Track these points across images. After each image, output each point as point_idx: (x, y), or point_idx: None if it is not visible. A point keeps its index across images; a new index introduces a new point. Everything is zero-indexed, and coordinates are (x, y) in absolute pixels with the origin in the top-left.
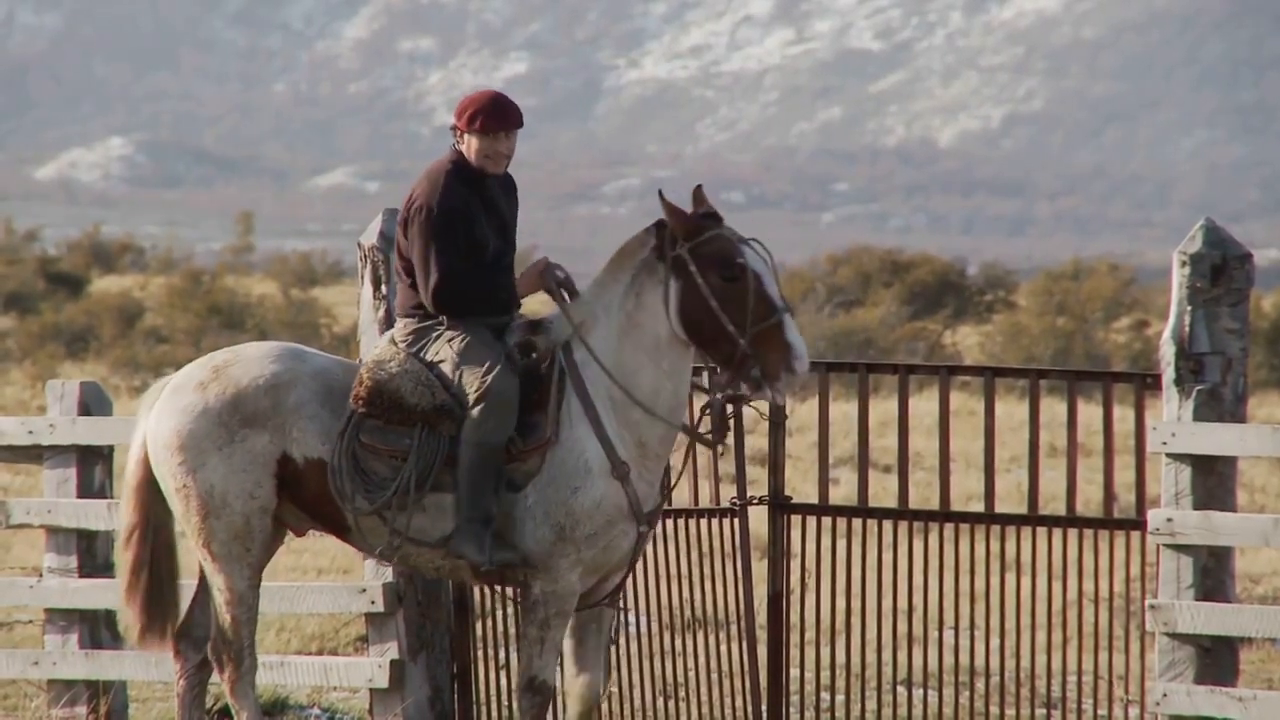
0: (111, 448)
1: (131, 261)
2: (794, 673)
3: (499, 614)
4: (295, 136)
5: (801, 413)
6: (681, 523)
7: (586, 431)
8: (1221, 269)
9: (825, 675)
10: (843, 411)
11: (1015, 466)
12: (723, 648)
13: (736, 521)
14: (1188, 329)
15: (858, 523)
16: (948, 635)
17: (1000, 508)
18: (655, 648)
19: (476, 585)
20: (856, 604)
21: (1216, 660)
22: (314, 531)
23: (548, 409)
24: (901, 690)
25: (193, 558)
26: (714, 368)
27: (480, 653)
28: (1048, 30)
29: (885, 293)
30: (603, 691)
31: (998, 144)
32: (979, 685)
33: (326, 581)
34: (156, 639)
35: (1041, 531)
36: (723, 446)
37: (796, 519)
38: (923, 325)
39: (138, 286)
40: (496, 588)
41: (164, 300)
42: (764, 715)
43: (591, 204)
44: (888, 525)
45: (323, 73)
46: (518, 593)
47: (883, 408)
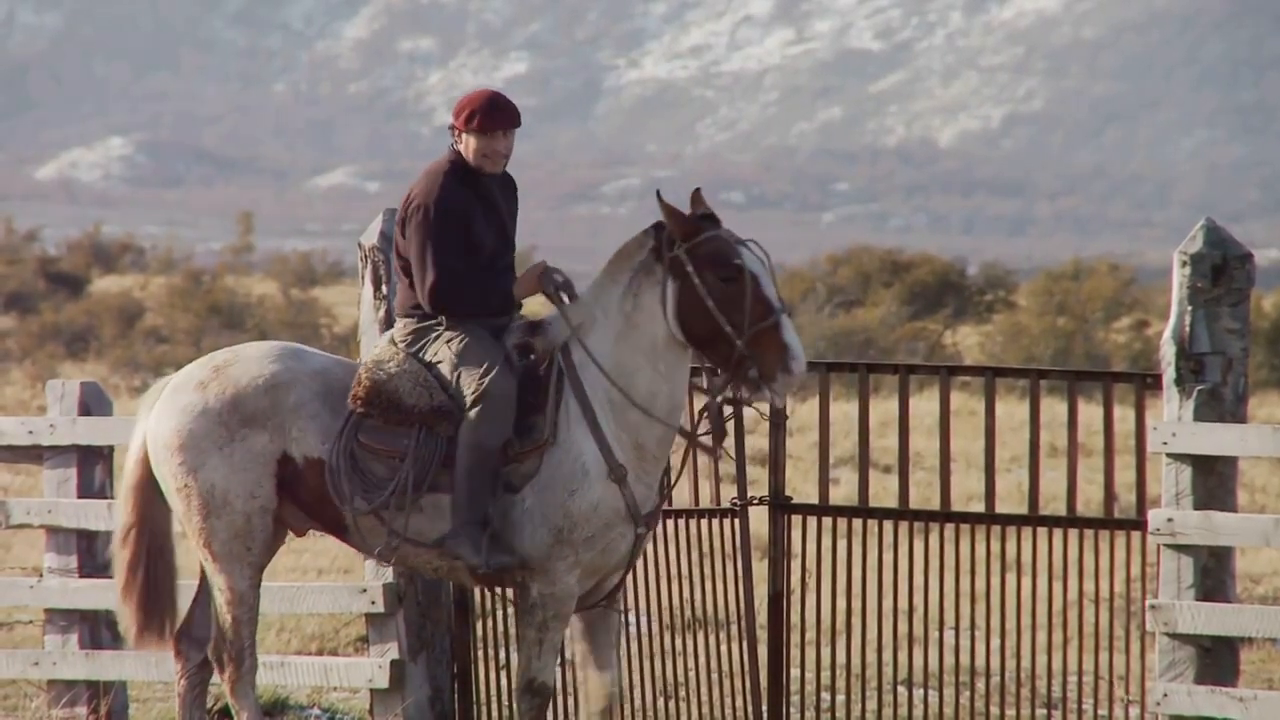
0: (111, 448)
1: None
2: (794, 673)
3: (499, 614)
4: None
5: (802, 413)
6: (682, 523)
7: (584, 433)
8: (1222, 269)
9: (825, 675)
10: (843, 411)
11: (1015, 466)
12: (723, 648)
13: (737, 521)
14: (1188, 329)
15: (858, 523)
16: (948, 635)
17: (1001, 508)
18: (655, 648)
19: (475, 586)
20: (857, 604)
21: (1217, 660)
22: (314, 531)
23: (546, 411)
24: (902, 690)
25: (193, 558)
26: (712, 369)
27: (480, 653)
28: (1048, 30)
29: (885, 293)
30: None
31: (998, 144)
32: (979, 685)
33: (327, 581)
34: (154, 638)
35: (1042, 532)
36: (722, 450)
37: (797, 519)
38: (923, 325)
39: (138, 286)
40: (495, 589)
41: (164, 300)
42: (764, 715)
43: (591, 204)
44: (888, 525)
45: (323, 73)
46: (516, 594)
47: (883, 408)
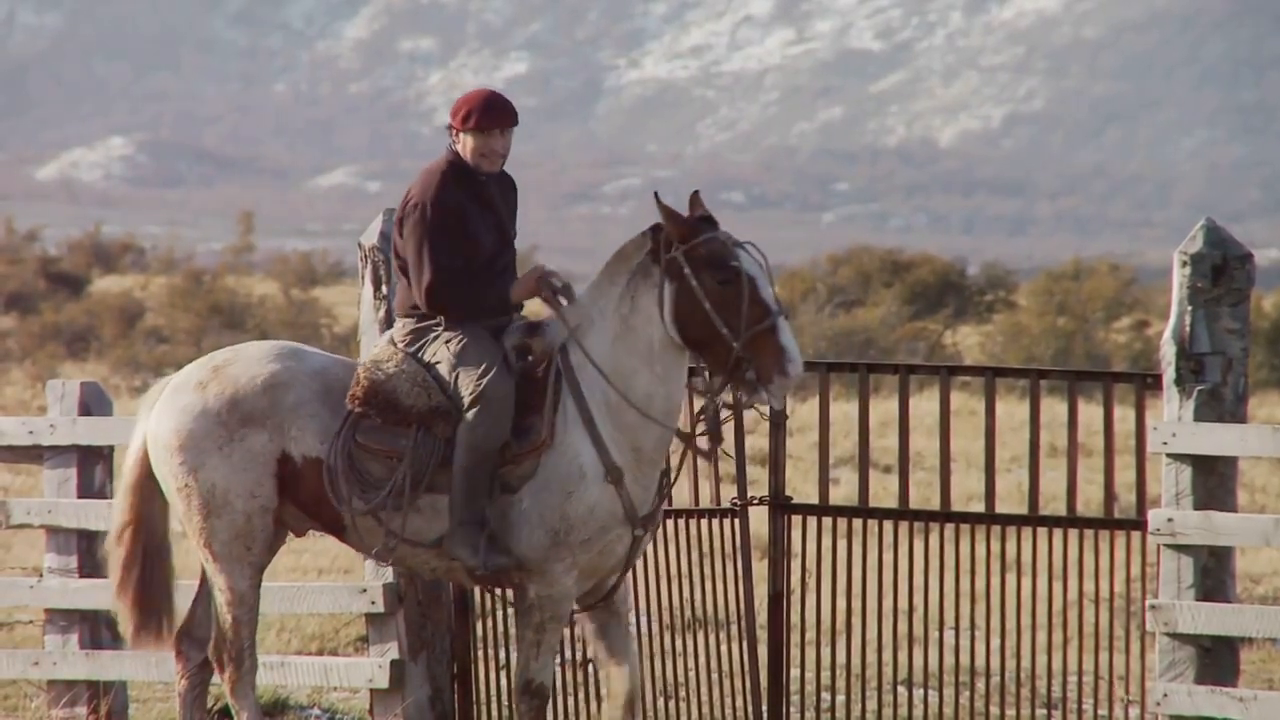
0: (112, 448)
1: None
2: (794, 673)
3: (499, 614)
4: (296, 136)
5: (802, 413)
6: (682, 523)
7: (581, 435)
8: (1222, 269)
9: (825, 675)
10: (843, 411)
11: (1016, 466)
12: (723, 648)
13: (737, 521)
14: (1188, 329)
15: (858, 523)
16: (948, 635)
17: (1001, 508)
18: (655, 648)
19: (473, 587)
20: (857, 604)
21: (1217, 660)
22: (314, 531)
23: (543, 412)
24: (902, 690)
25: (193, 558)
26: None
27: (480, 653)
28: (1048, 30)
29: (886, 293)
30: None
31: (998, 144)
32: (979, 685)
33: (327, 581)
34: (151, 638)
35: (1042, 532)
36: (721, 451)
37: (797, 519)
38: (923, 325)
39: (138, 286)
40: (494, 589)
41: (165, 300)
42: (764, 715)
43: (592, 204)
44: (888, 525)
45: (323, 72)
46: (514, 595)
47: (883, 408)
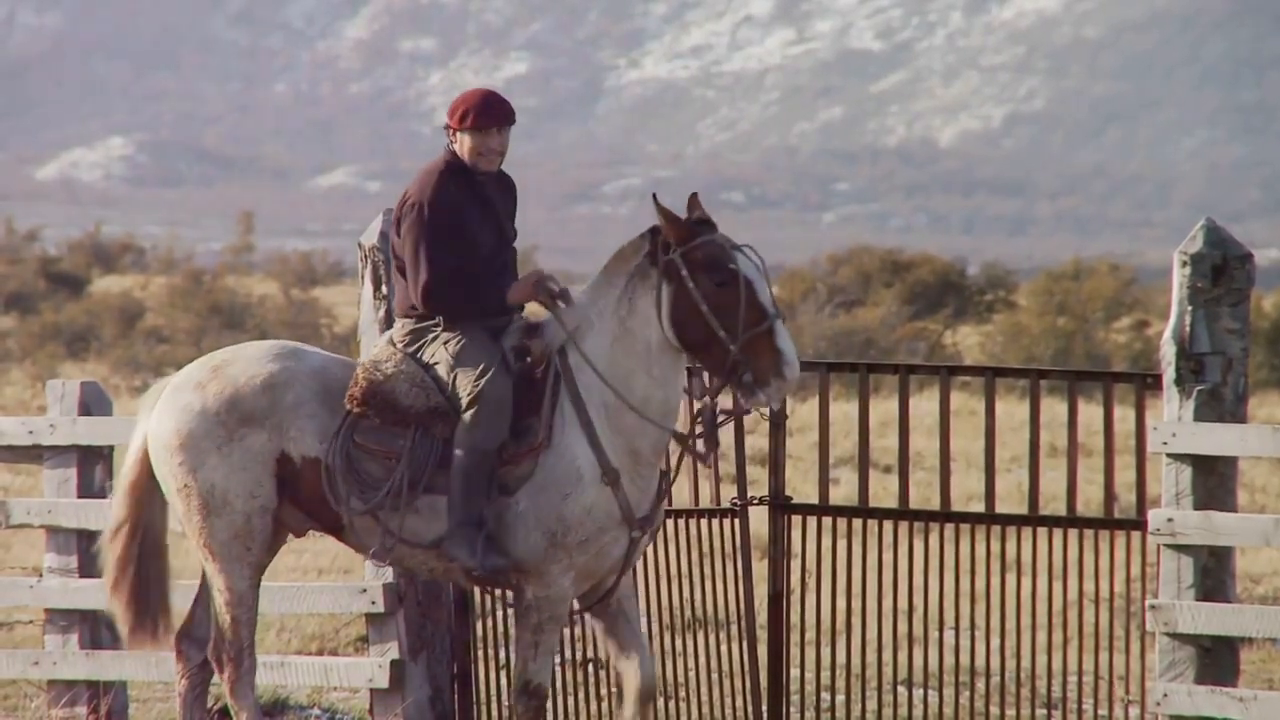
0: (112, 448)
1: (132, 261)
2: (794, 673)
3: (499, 614)
4: (296, 136)
5: (802, 413)
6: (682, 523)
7: (578, 437)
8: (1222, 269)
9: (825, 675)
10: (843, 411)
11: (1016, 466)
12: (723, 648)
13: (737, 521)
14: (1188, 329)
15: (858, 523)
16: (948, 635)
17: (1001, 508)
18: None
19: (471, 587)
20: (857, 604)
21: (1217, 660)
22: (313, 531)
23: (541, 413)
24: (902, 690)
25: (192, 559)
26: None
27: (480, 653)
28: (1048, 30)
29: (886, 293)
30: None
31: (998, 144)
32: (979, 685)
33: (327, 581)
34: (146, 637)
35: (1042, 532)
36: (719, 452)
37: (797, 519)
38: (923, 325)
39: (138, 286)
40: (492, 590)
41: (165, 300)
42: (764, 715)
43: (592, 204)
44: (888, 525)
45: (324, 72)
46: (512, 596)
47: (883, 408)
